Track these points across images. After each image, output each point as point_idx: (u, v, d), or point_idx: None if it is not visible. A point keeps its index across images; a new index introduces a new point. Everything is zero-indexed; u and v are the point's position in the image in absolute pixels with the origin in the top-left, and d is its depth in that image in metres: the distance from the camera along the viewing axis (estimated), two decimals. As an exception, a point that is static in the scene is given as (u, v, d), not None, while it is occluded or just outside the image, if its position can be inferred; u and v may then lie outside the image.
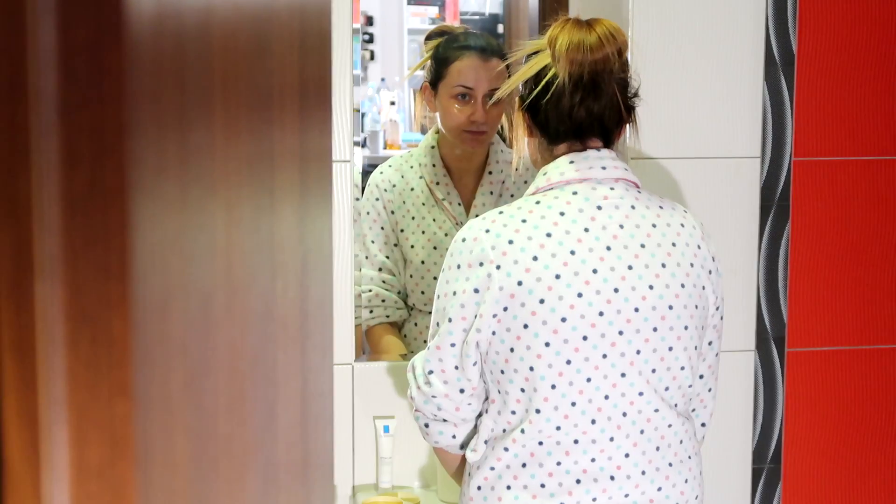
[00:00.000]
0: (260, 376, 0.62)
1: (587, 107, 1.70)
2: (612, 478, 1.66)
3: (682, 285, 1.68)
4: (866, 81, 2.43)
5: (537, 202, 1.70)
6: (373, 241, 2.45)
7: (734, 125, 2.40)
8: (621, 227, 1.68)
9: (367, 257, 2.44)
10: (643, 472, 1.68)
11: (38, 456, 0.43)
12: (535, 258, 1.64)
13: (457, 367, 1.68)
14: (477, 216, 2.35)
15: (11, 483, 0.44)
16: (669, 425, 1.69)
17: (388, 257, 2.45)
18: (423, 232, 2.45)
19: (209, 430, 0.54)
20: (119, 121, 0.43)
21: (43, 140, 0.42)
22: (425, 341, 1.82)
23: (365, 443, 2.37)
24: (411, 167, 2.49)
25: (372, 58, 3.47)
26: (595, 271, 1.64)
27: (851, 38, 2.41)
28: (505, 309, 1.64)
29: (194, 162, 0.51)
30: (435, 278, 2.42)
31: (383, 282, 2.45)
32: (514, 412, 1.67)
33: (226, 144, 0.55)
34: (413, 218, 2.46)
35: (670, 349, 1.68)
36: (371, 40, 3.41)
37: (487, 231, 1.68)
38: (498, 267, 1.65)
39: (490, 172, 2.47)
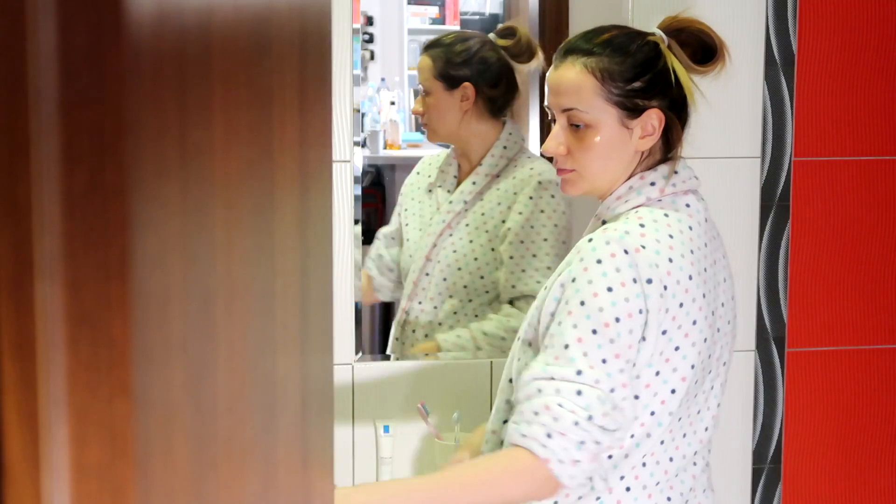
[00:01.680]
0: (260, 376, 0.62)
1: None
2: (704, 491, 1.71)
3: (733, 297, 1.73)
4: (866, 81, 2.43)
5: (666, 215, 1.62)
6: (388, 224, 2.59)
7: (734, 125, 2.40)
8: (714, 238, 1.69)
9: None
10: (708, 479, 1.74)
11: (38, 456, 0.43)
12: (690, 277, 1.58)
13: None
14: (450, 202, 2.30)
15: (11, 483, 0.44)
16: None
17: (392, 237, 2.58)
18: (419, 215, 2.54)
19: (209, 430, 0.54)
20: (119, 121, 0.43)
21: (43, 140, 0.42)
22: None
23: (365, 443, 2.37)
24: (441, 157, 2.60)
25: (372, 58, 3.46)
26: (716, 286, 1.64)
27: (851, 38, 2.41)
28: (664, 332, 1.56)
29: (194, 162, 0.51)
30: (409, 256, 2.47)
31: (371, 259, 2.56)
32: (684, 436, 1.63)
33: (226, 144, 0.55)
34: (413, 199, 2.56)
35: (725, 363, 1.72)
36: (371, 40, 3.40)
37: (644, 247, 1.55)
38: (665, 287, 1.55)
39: (481, 164, 2.51)
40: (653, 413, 1.58)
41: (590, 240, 1.58)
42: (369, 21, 3.03)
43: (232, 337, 0.57)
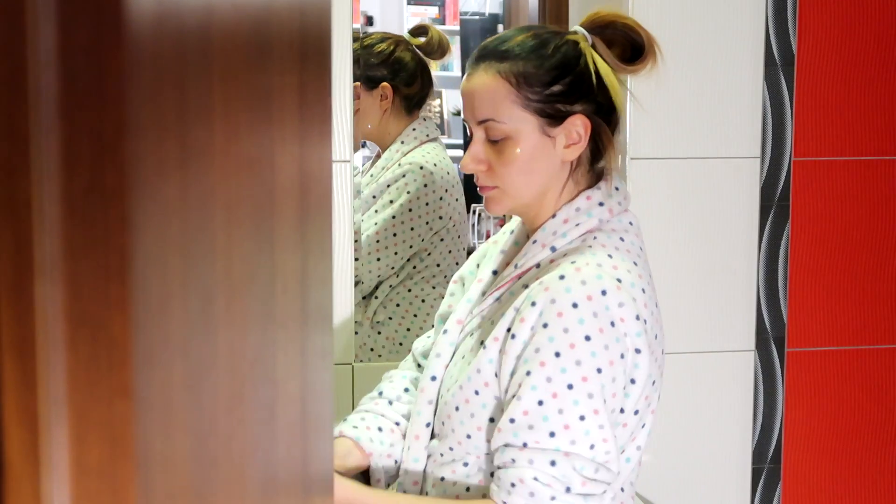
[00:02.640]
0: (260, 376, 0.62)
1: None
2: None
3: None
4: (866, 81, 2.43)
5: (622, 239, 1.53)
6: None
7: (734, 125, 2.40)
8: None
9: None
10: None
11: (38, 456, 0.43)
12: (656, 305, 1.52)
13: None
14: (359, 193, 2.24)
15: (11, 483, 0.44)
16: None
17: None
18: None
19: (209, 430, 0.54)
20: (119, 121, 0.43)
21: (43, 140, 0.42)
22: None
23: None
24: None
25: (372, 58, 3.46)
26: (658, 305, 1.59)
27: (851, 38, 2.41)
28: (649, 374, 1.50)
29: (194, 162, 0.51)
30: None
31: None
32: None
33: (226, 144, 0.55)
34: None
35: None
36: (371, 40, 3.40)
37: (621, 280, 1.44)
38: (645, 321, 1.46)
39: (380, 158, 2.59)
40: (623, 450, 1.51)
41: (561, 277, 1.44)
42: (369, 21, 3.04)
43: (232, 337, 0.57)
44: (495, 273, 1.64)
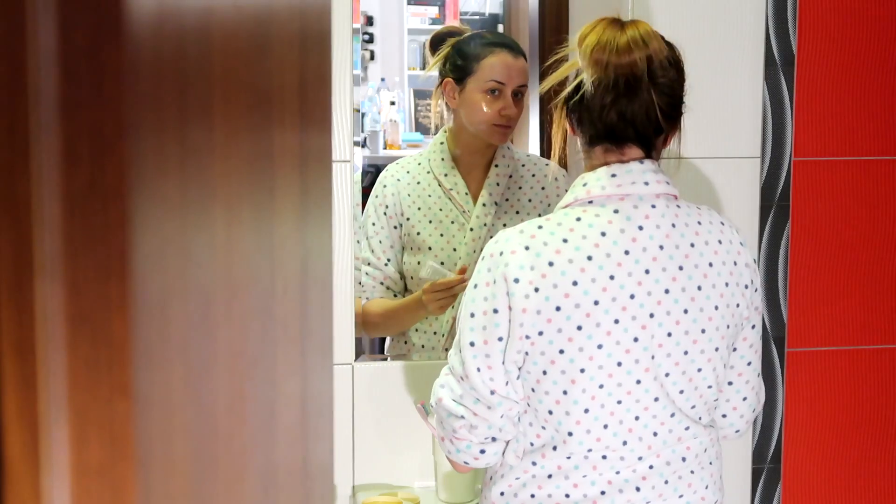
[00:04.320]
0: (260, 376, 0.63)
1: (619, 110, 1.66)
2: (637, 489, 1.67)
3: (716, 307, 1.67)
4: (866, 81, 2.43)
5: (578, 218, 1.65)
6: (367, 237, 2.50)
7: (734, 125, 2.40)
8: (661, 247, 1.64)
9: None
10: (666, 482, 1.69)
11: (38, 456, 0.43)
12: (574, 283, 1.60)
13: (507, 383, 1.64)
14: (484, 205, 2.31)
15: (11, 483, 0.44)
16: (695, 437, 1.71)
17: (373, 251, 2.53)
18: (430, 221, 2.52)
19: (209, 430, 0.54)
20: (119, 121, 0.43)
21: (43, 140, 0.42)
22: (447, 349, 1.78)
23: (365, 443, 2.37)
24: (419, 164, 2.57)
25: (372, 58, 3.47)
26: (632, 296, 1.62)
27: (851, 38, 2.41)
28: (540, 333, 1.61)
29: (194, 162, 0.51)
30: (442, 263, 2.48)
31: (366, 273, 2.53)
32: (543, 428, 1.66)
33: (226, 144, 0.55)
34: (419, 208, 2.53)
35: (699, 370, 1.68)
36: (371, 40, 3.40)
37: (527, 248, 1.62)
38: (536, 289, 1.61)
39: (497, 165, 2.53)
40: (551, 412, 1.66)
41: (494, 236, 1.70)
42: (369, 21, 3.04)
43: (232, 337, 0.57)
44: None
